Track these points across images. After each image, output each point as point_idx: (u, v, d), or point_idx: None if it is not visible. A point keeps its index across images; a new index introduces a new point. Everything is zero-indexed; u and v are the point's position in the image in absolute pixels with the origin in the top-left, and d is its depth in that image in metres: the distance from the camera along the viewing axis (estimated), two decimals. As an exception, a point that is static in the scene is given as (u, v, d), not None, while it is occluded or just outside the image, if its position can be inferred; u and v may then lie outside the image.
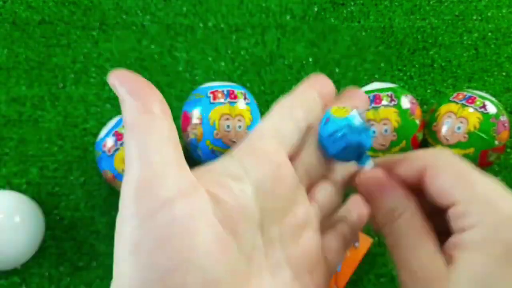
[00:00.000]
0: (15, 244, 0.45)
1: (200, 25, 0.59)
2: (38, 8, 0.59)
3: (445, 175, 0.20)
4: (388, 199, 0.21)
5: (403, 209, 0.21)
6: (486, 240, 0.18)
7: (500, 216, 0.18)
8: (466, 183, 0.19)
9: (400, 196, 0.21)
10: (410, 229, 0.20)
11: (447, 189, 0.19)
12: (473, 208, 0.18)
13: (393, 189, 0.21)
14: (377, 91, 0.47)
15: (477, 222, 0.18)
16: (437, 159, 0.21)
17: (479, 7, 0.61)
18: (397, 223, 0.20)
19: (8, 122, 0.54)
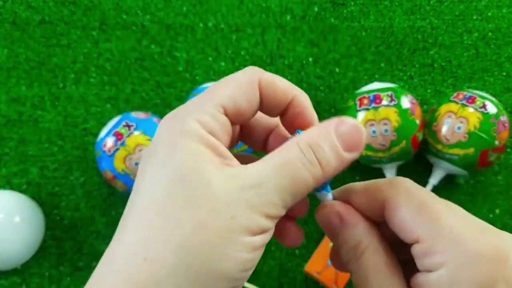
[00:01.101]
0: (15, 244, 0.45)
1: (200, 25, 0.59)
2: (38, 8, 0.59)
3: (405, 209, 0.19)
4: (350, 234, 0.20)
5: (366, 244, 0.20)
6: (453, 282, 0.17)
7: (467, 255, 0.17)
8: (429, 217, 0.18)
9: (362, 230, 0.20)
10: (374, 266, 0.19)
11: (409, 225, 0.18)
12: (437, 246, 0.17)
13: (354, 223, 0.20)
14: (377, 91, 0.47)
15: (442, 262, 0.17)
16: (396, 191, 0.19)
17: (479, 7, 0.61)
18: (361, 260, 0.19)
19: (8, 122, 0.54)
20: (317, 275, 0.46)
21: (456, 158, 0.47)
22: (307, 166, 0.18)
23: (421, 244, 0.18)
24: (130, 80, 0.56)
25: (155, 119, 0.48)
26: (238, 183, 0.17)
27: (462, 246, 0.17)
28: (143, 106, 0.55)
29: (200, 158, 0.18)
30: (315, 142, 0.18)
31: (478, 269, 0.16)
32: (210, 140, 0.18)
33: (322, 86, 0.57)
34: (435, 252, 0.17)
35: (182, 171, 0.17)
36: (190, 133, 0.18)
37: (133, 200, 0.18)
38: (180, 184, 0.17)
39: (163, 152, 0.18)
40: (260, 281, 0.49)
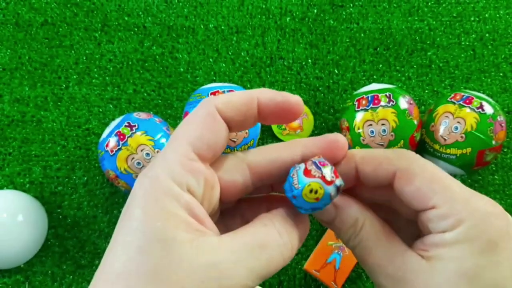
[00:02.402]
0: (19, 242, 0.46)
1: (201, 27, 0.60)
2: (40, 9, 0.60)
3: (420, 179, 0.19)
4: (346, 215, 0.21)
5: (363, 219, 0.21)
6: (469, 238, 0.18)
7: (479, 214, 0.18)
8: (443, 186, 0.19)
9: (356, 209, 0.21)
10: (375, 235, 0.20)
11: (424, 193, 0.19)
12: (454, 210, 0.19)
13: (348, 205, 0.21)
14: (375, 91, 0.48)
15: (459, 222, 0.18)
16: (408, 161, 0.20)
17: (476, 9, 0.61)
18: (362, 232, 0.21)
19: (12, 122, 0.55)
20: (316, 272, 0.47)
21: (453, 158, 0.47)
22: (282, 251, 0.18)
23: (438, 209, 0.19)
24: (132, 81, 0.57)
25: (157, 119, 0.48)
26: (209, 260, 0.17)
27: (475, 207, 0.19)
28: (145, 107, 0.56)
29: (173, 225, 0.17)
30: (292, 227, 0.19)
31: (492, 224, 0.18)
32: (184, 199, 0.18)
33: (321, 87, 0.57)
34: (452, 214, 0.19)
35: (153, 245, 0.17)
36: (164, 192, 0.18)
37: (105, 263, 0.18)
38: (150, 257, 0.16)
39: (137, 215, 0.17)
40: (260, 279, 0.49)
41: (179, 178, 0.18)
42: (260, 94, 0.20)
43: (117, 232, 0.18)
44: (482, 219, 0.18)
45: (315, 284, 0.49)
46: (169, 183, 0.18)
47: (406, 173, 0.20)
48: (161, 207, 0.17)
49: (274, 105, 0.20)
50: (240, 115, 0.20)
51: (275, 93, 0.21)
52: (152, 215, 0.17)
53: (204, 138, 0.19)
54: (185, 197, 0.18)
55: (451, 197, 0.19)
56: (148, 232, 0.17)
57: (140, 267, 0.16)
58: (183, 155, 0.19)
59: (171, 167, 0.18)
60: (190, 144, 0.19)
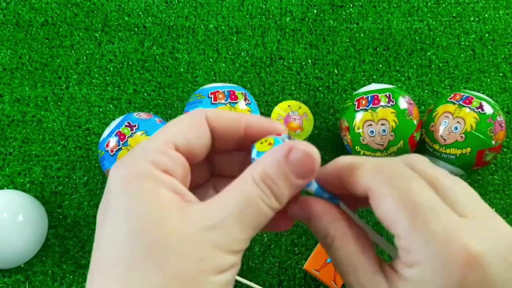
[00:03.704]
0: (19, 242, 0.46)
1: (201, 27, 0.60)
2: (41, 9, 0.60)
3: (387, 203, 0.19)
4: (317, 226, 0.21)
5: (333, 233, 0.20)
6: (425, 281, 0.17)
7: (440, 258, 0.17)
8: (409, 215, 0.18)
9: (327, 221, 0.21)
10: (344, 252, 0.20)
11: (389, 220, 0.18)
12: (413, 245, 0.17)
13: (319, 216, 0.21)
14: (375, 92, 0.48)
15: (417, 261, 0.17)
16: (379, 180, 0.19)
17: (476, 9, 0.61)
18: (332, 248, 0.20)
19: (12, 122, 0.55)
20: (316, 272, 0.47)
21: (453, 158, 0.47)
22: (265, 200, 0.19)
23: (400, 240, 0.18)
24: (132, 81, 0.57)
25: (157, 119, 0.48)
26: (201, 224, 0.18)
27: (435, 248, 0.17)
28: (145, 107, 0.56)
29: (158, 201, 0.18)
30: (269, 176, 0.19)
31: (450, 274, 0.17)
32: (165, 178, 0.18)
33: (321, 87, 0.58)
34: (412, 250, 0.18)
35: (143, 222, 0.17)
36: (143, 175, 0.18)
37: (98, 256, 0.18)
38: (144, 235, 0.17)
39: (120, 201, 0.18)
40: (260, 279, 0.49)
41: (157, 162, 0.19)
42: (249, 117, 0.22)
43: (103, 220, 0.18)
44: (442, 266, 0.17)
45: (315, 284, 0.49)
46: (148, 166, 0.18)
47: (375, 195, 0.19)
48: (143, 187, 0.18)
49: (260, 129, 0.22)
50: (226, 128, 0.21)
51: (262, 118, 0.22)
52: (137, 196, 0.18)
53: (186, 136, 0.20)
54: (164, 177, 0.19)
55: (415, 231, 0.17)
56: (137, 213, 0.17)
57: (137, 248, 0.17)
58: (162, 144, 0.19)
59: (150, 153, 0.19)
60: (171, 138, 0.20)
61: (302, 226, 0.51)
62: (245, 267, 0.50)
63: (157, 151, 0.19)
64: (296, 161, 0.19)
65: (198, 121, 0.21)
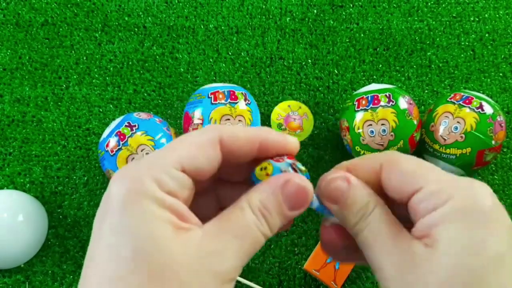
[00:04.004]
0: (19, 242, 0.46)
1: (201, 27, 0.60)
2: (41, 9, 0.60)
3: (406, 164, 0.21)
4: (359, 194, 0.21)
5: (375, 202, 0.21)
6: (461, 211, 0.18)
7: (466, 189, 0.19)
8: (428, 169, 0.20)
9: (370, 192, 0.21)
10: (385, 220, 0.21)
11: (411, 176, 0.20)
12: (441, 187, 0.19)
13: (362, 186, 0.21)
14: (375, 92, 0.48)
15: (448, 197, 0.19)
16: (392, 155, 0.21)
17: (476, 9, 0.62)
18: (372, 216, 0.21)
19: (12, 122, 0.55)
20: (316, 272, 0.47)
21: (453, 158, 0.47)
22: (260, 229, 0.19)
23: (426, 188, 0.19)
24: (132, 81, 0.57)
25: (157, 119, 0.48)
26: (200, 251, 0.18)
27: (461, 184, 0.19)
28: (145, 107, 0.56)
29: (158, 224, 0.18)
30: (265, 206, 0.20)
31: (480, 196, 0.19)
32: (168, 201, 0.18)
33: (321, 87, 0.58)
34: (440, 191, 0.19)
35: (145, 246, 0.17)
36: (147, 195, 0.18)
37: (90, 274, 0.18)
38: (145, 259, 0.17)
39: (119, 217, 0.18)
40: (260, 279, 0.49)
41: (163, 182, 0.18)
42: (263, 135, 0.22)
43: (99, 232, 0.18)
44: (470, 193, 0.19)
45: (315, 284, 0.49)
46: (153, 186, 0.18)
47: (392, 162, 0.21)
48: (147, 210, 0.18)
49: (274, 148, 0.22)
50: (241, 151, 0.21)
51: (278, 136, 0.22)
52: (139, 219, 0.18)
53: (196, 160, 0.20)
54: (168, 200, 0.18)
55: (437, 177, 0.20)
56: (138, 236, 0.17)
57: (136, 270, 0.17)
58: (169, 164, 0.19)
59: (156, 171, 0.19)
60: (179, 158, 0.19)
61: (302, 226, 0.51)
62: (245, 267, 0.50)
63: (163, 170, 0.19)
64: (291, 194, 0.20)
65: (210, 143, 0.20)
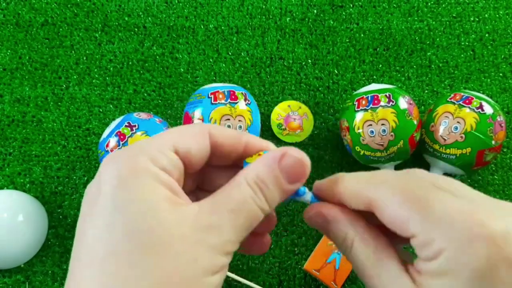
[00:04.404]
0: (19, 242, 0.46)
1: (201, 27, 0.60)
2: (41, 9, 0.60)
3: (391, 208, 0.19)
4: (336, 229, 0.21)
5: (352, 235, 0.20)
6: (453, 269, 0.17)
7: (462, 240, 0.17)
8: (419, 209, 0.18)
9: (346, 224, 0.21)
10: (365, 254, 0.20)
11: (399, 223, 0.18)
12: (433, 236, 0.17)
13: (337, 219, 0.21)
14: (375, 92, 0.48)
15: (440, 250, 0.17)
16: (378, 191, 0.19)
17: (476, 9, 0.62)
18: (352, 251, 0.20)
19: (12, 123, 0.55)
20: (316, 272, 0.47)
21: (453, 158, 0.47)
22: (257, 202, 0.19)
23: (417, 238, 0.18)
24: (132, 81, 0.57)
25: (157, 119, 0.48)
26: (196, 224, 0.18)
27: (455, 233, 0.17)
28: (145, 107, 0.56)
29: (155, 198, 0.18)
30: (262, 179, 0.19)
31: (475, 254, 0.16)
32: (162, 177, 0.18)
33: (321, 87, 0.58)
34: (432, 241, 0.17)
35: (138, 215, 0.17)
36: (141, 170, 0.18)
37: (85, 246, 0.18)
38: (138, 230, 0.17)
39: (114, 192, 0.18)
40: (260, 279, 0.49)
41: (156, 159, 0.19)
42: (249, 136, 0.22)
43: (90, 211, 0.18)
44: (463, 247, 0.16)
45: (315, 284, 0.49)
46: (147, 162, 0.18)
47: (378, 204, 0.19)
48: (142, 184, 0.18)
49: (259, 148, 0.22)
50: (227, 145, 0.21)
51: (261, 139, 0.22)
52: (132, 192, 0.18)
53: (187, 143, 0.20)
54: (162, 175, 0.19)
55: (428, 222, 0.17)
56: (134, 210, 0.17)
57: (133, 243, 0.17)
58: (162, 144, 0.19)
59: (149, 149, 0.19)
60: (172, 140, 0.20)
61: (302, 226, 0.51)
62: (245, 267, 0.50)
63: (156, 149, 0.19)
64: (288, 166, 0.20)
65: (200, 132, 0.21)
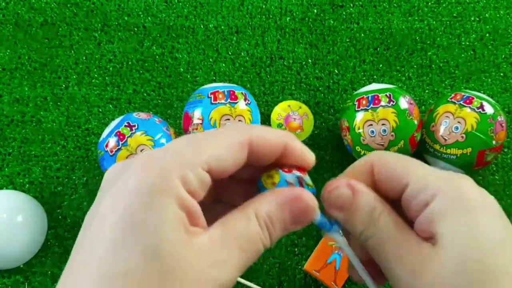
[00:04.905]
0: (18, 243, 0.46)
1: (201, 27, 0.60)
2: (40, 9, 0.60)
3: (392, 162, 0.21)
4: (364, 200, 0.21)
5: (381, 207, 0.21)
6: (452, 203, 0.19)
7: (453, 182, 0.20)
8: (415, 166, 0.21)
9: (375, 196, 0.22)
10: (393, 225, 0.21)
11: (398, 173, 0.21)
12: (428, 179, 0.20)
13: (367, 191, 0.21)
14: (375, 91, 0.48)
15: (435, 192, 0.19)
16: (379, 155, 0.22)
17: (477, 8, 0.61)
18: (380, 221, 0.21)
19: (11, 123, 0.55)
20: (317, 273, 0.47)
21: (453, 158, 0.47)
22: (263, 241, 0.20)
23: (413, 185, 0.20)
24: (132, 81, 0.57)
25: (157, 119, 0.48)
26: (207, 260, 0.18)
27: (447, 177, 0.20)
28: (145, 107, 0.56)
29: (173, 226, 0.17)
30: (271, 219, 0.20)
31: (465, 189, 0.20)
32: (187, 202, 0.18)
33: (321, 87, 0.57)
34: (428, 185, 0.20)
35: (154, 242, 0.17)
36: (171, 192, 0.17)
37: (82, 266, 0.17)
38: (151, 257, 0.17)
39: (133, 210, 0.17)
40: (260, 279, 0.49)
41: (187, 181, 0.18)
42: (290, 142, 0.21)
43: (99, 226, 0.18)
44: (455, 185, 0.20)
45: (315, 285, 0.49)
46: (178, 185, 0.18)
47: (381, 161, 0.22)
48: (163, 206, 0.17)
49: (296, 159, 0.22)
50: (265, 154, 0.21)
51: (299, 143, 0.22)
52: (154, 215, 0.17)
53: (224, 162, 0.19)
54: (189, 202, 0.18)
55: (422, 172, 0.21)
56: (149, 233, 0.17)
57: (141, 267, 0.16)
58: (198, 163, 0.19)
59: (183, 166, 0.18)
60: (208, 156, 0.19)
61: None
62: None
63: (190, 168, 0.18)
64: (298, 211, 0.20)
65: (240, 145, 0.20)
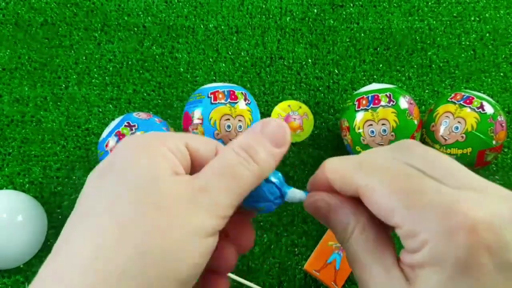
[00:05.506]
0: (18, 243, 0.46)
1: (201, 27, 0.60)
2: (40, 9, 0.60)
3: (378, 195, 0.18)
4: (337, 217, 0.21)
5: (353, 224, 0.20)
6: (437, 260, 0.17)
7: (442, 232, 0.17)
8: (403, 199, 0.18)
9: (348, 211, 0.21)
10: (363, 245, 0.20)
11: (385, 211, 0.18)
12: (415, 229, 0.17)
13: (340, 206, 0.21)
14: (375, 91, 0.48)
15: (423, 243, 0.17)
16: (367, 177, 0.19)
17: (477, 8, 0.61)
18: (351, 240, 0.20)
19: (11, 123, 0.55)
20: (317, 273, 0.47)
21: (453, 158, 0.47)
22: (244, 164, 0.20)
23: (402, 227, 0.18)
24: (132, 81, 0.57)
25: (157, 119, 0.48)
26: (189, 187, 0.19)
27: (438, 223, 0.17)
28: (145, 107, 0.56)
29: (157, 167, 0.19)
30: (248, 145, 0.21)
31: (456, 244, 0.16)
32: (169, 156, 0.20)
33: (321, 87, 0.57)
34: (415, 233, 0.17)
35: (140, 181, 0.18)
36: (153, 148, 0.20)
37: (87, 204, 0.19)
38: (137, 191, 0.18)
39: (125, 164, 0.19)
40: (260, 279, 0.49)
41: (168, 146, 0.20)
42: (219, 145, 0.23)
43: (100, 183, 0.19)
44: (445, 238, 0.16)
45: (315, 285, 0.49)
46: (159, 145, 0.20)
47: (365, 190, 0.19)
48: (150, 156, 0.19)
49: None
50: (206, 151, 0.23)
51: None
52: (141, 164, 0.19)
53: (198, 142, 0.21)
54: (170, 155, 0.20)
55: (413, 214, 0.17)
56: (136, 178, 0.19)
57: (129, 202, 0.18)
58: (175, 137, 0.21)
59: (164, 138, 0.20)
60: (185, 137, 0.21)
61: (302, 227, 0.51)
62: (245, 268, 0.49)
63: (170, 139, 0.20)
64: (270, 131, 0.21)
65: (210, 140, 0.22)
